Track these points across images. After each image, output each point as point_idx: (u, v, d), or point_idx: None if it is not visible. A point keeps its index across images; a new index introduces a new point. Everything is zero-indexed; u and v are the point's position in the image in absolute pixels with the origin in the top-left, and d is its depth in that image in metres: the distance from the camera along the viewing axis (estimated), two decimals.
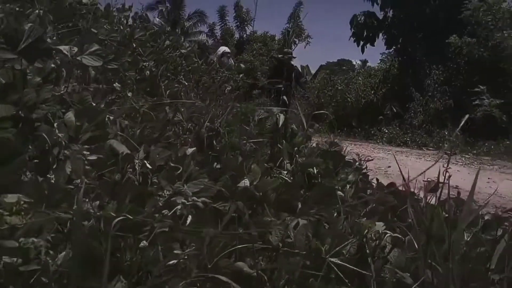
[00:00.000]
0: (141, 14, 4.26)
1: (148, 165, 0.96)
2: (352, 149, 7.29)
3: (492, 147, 7.26)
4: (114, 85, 1.65)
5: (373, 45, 9.87)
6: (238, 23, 18.34)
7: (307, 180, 1.52)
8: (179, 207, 0.81)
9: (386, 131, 9.04)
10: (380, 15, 10.22)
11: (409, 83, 9.27)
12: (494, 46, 8.23)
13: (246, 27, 18.36)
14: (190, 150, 1.18)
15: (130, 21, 3.71)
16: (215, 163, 1.30)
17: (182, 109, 1.81)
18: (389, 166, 6.01)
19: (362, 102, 10.36)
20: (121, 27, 3.03)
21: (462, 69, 8.83)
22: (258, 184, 1.14)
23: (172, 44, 3.89)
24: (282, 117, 1.90)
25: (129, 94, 2.25)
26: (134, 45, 2.91)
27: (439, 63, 9.03)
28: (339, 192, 1.34)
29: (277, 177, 1.36)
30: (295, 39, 16.75)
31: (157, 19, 31.03)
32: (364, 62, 25.18)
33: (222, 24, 18.83)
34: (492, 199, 4.23)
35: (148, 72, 2.76)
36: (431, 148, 7.92)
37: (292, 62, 8.51)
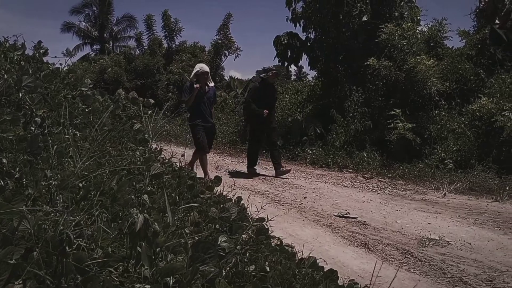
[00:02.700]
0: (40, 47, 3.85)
1: None
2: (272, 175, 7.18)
3: (407, 170, 7.53)
4: None
5: (297, 66, 10.06)
6: (166, 32, 17.86)
7: None
8: None
9: (310, 152, 9.14)
10: (303, 36, 10.37)
11: (331, 103, 9.45)
12: (408, 70, 8.59)
13: (175, 37, 17.94)
14: None
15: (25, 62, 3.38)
16: None
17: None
18: (305, 197, 6.04)
19: (289, 120, 10.40)
20: (5, 75, 2.71)
21: (380, 90, 9.13)
22: None
23: (72, 83, 3.58)
24: (141, 218, 1.70)
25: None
26: (21, 95, 2.61)
27: (359, 85, 9.29)
28: None
29: None
30: (225, 51, 16.63)
31: (83, 24, 29.78)
32: (300, 67, 25.62)
33: (150, 34, 18.25)
34: (394, 238, 4.35)
35: (33, 126, 2.47)
36: (350, 170, 8.10)
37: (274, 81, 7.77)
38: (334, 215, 5.14)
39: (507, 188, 6.30)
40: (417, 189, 6.69)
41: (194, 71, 6.62)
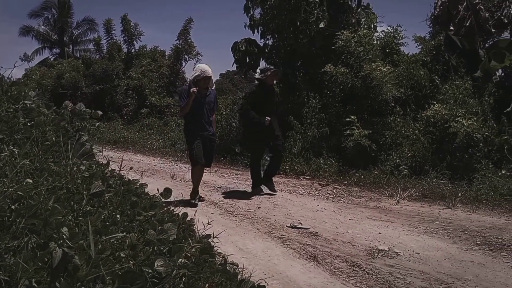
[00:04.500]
0: None
1: None
2: (225, 184, 7.04)
3: (362, 176, 7.52)
4: None
5: (255, 72, 9.89)
6: (126, 37, 17.45)
7: None
8: None
9: (268, 158, 9.00)
10: (261, 42, 10.29)
11: (289, 110, 9.38)
12: (364, 76, 8.62)
13: (134, 42, 17.54)
14: None
15: None
16: None
17: None
18: (259, 207, 5.92)
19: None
20: None
21: (338, 97, 9.13)
22: None
23: (14, 96, 3.30)
24: (59, 253, 1.52)
25: None
26: None
27: (316, 91, 9.26)
28: None
29: None
30: (185, 56, 16.39)
31: (42, 27, 28.88)
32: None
33: (109, 38, 17.78)
34: (344, 249, 4.26)
35: None
36: (307, 177, 8.03)
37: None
38: (286, 226, 5.02)
39: (459, 195, 6.37)
40: (372, 196, 6.67)
41: (195, 74, 5.75)
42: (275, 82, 6.99)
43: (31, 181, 2.09)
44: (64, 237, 1.79)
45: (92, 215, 2.04)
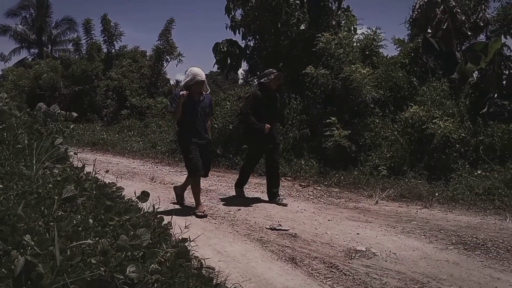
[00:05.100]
0: None
1: None
2: (206, 185, 6.99)
3: (342, 177, 7.59)
4: None
5: (237, 73, 10.00)
6: (106, 37, 17.25)
7: None
8: None
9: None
10: (242, 43, 10.30)
11: None
12: (344, 78, 8.70)
13: (115, 42, 17.36)
14: None
15: None
16: None
17: None
18: (239, 209, 5.92)
19: (230, 128, 10.24)
20: None
21: (319, 98, 9.19)
22: None
23: None
24: (21, 261, 1.49)
25: None
26: None
27: (297, 93, 9.31)
28: None
29: None
30: (166, 57, 16.29)
31: (20, 27, 28.36)
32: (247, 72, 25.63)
33: (88, 38, 17.56)
34: (322, 250, 4.29)
35: None
36: (289, 178, 8.06)
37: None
38: (266, 228, 5.03)
39: (436, 194, 6.48)
40: (351, 196, 6.74)
41: (187, 79, 5.38)
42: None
43: (0, 186, 2.05)
44: (29, 244, 1.76)
45: (63, 221, 2.01)
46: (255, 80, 11.12)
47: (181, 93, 5.30)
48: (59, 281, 1.48)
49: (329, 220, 5.38)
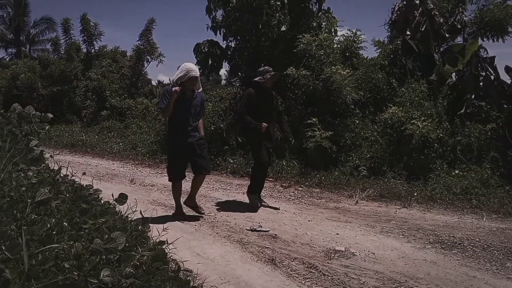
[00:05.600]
0: None
1: None
2: (188, 187, 6.98)
3: (323, 178, 7.63)
4: None
5: (218, 74, 9.96)
6: (85, 37, 17.01)
7: None
8: None
9: (231, 161, 9.03)
10: (224, 44, 10.28)
11: None
12: (325, 79, 8.75)
13: (94, 42, 17.13)
14: None
15: None
16: None
17: None
18: (220, 210, 5.89)
19: (212, 129, 10.15)
20: None
21: (300, 99, 9.22)
22: None
23: None
24: None
25: None
26: None
27: (279, 94, 9.31)
28: None
29: None
30: (147, 57, 16.15)
31: None
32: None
33: (67, 38, 17.29)
34: (302, 251, 4.30)
35: None
36: (270, 179, 8.06)
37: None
38: (246, 229, 5.02)
39: (415, 194, 6.57)
40: (332, 197, 6.78)
41: (179, 75, 5.08)
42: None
43: None
44: None
45: (36, 224, 1.97)
46: (237, 81, 11.06)
47: (173, 89, 5.01)
48: (28, 287, 1.45)
49: (309, 220, 5.41)
